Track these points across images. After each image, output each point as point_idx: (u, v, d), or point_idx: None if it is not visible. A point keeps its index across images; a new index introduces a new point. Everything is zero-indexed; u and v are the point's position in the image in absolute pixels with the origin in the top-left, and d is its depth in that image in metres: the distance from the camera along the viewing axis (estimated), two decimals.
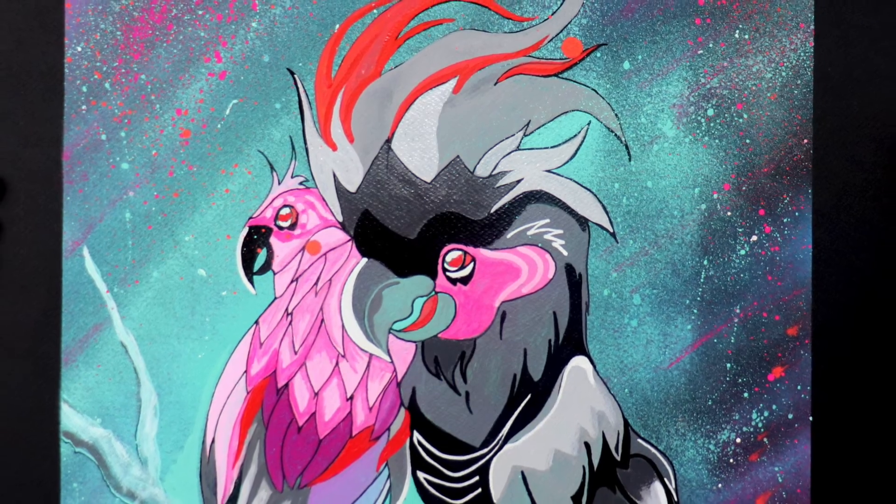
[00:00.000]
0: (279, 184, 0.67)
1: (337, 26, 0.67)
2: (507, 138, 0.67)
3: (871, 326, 0.67)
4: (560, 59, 0.67)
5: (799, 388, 0.67)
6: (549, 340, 0.67)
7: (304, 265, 0.67)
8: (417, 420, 0.67)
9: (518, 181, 0.67)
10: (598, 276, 0.67)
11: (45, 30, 0.67)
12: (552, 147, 0.67)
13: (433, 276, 0.67)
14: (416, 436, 0.67)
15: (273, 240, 0.67)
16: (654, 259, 0.67)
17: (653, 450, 0.67)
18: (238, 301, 0.67)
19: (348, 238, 0.67)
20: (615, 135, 0.67)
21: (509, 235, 0.67)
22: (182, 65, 0.67)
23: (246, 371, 0.68)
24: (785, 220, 0.67)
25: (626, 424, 0.67)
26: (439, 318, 0.67)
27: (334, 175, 0.67)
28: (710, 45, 0.67)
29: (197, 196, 0.67)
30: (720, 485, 0.67)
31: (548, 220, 0.67)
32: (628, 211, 0.67)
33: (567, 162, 0.67)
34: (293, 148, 0.67)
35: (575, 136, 0.67)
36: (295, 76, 0.67)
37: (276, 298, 0.68)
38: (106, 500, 0.67)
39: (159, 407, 0.67)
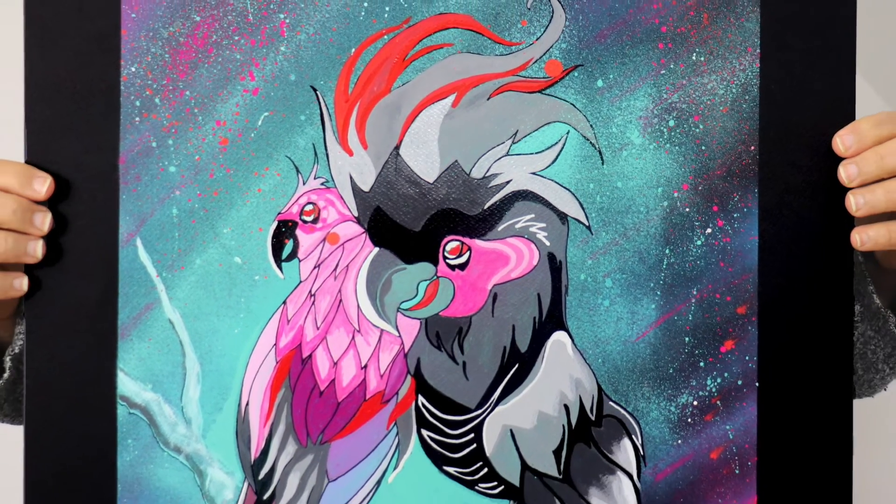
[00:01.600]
0: (304, 184, 0.69)
1: (353, 50, 0.68)
2: (498, 145, 0.69)
3: (808, 306, 0.70)
4: (543, 77, 0.69)
5: (747, 358, 0.69)
6: (534, 318, 0.69)
7: (325, 254, 0.69)
8: (422, 386, 0.69)
9: (507, 182, 0.69)
10: (576, 262, 0.69)
11: (104, 53, 0.68)
12: (536, 153, 0.69)
13: (435, 262, 0.69)
14: (421, 399, 0.69)
15: (298, 232, 0.69)
16: (624, 248, 0.69)
17: (622, 411, 0.70)
18: (269, 284, 0.69)
19: (363, 230, 0.69)
20: (590, 142, 0.69)
21: (500, 228, 0.69)
22: (221, 83, 0.68)
23: (275, 344, 0.69)
24: (735, 216, 0.69)
25: (600, 389, 0.69)
26: (440, 299, 0.69)
27: (351, 177, 0.69)
28: (672, 66, 0.69)
29: (233, 195, 0.69)
30: (680, 441, 0.69)
31: (533, 215, 0.69)
32: (601, 207, 0.69)
33: (549, 165, 0.69)
34: (315, 154, 0.69)
35: (556, 143, 0.69)
36: (317, 92, 0.68)
37: (301, 282, 0.69)
38: (156, 454, 0.68)
39: (201, 374, 0.69)
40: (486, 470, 0.70)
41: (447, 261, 0.69)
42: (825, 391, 0.70)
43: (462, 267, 0.69)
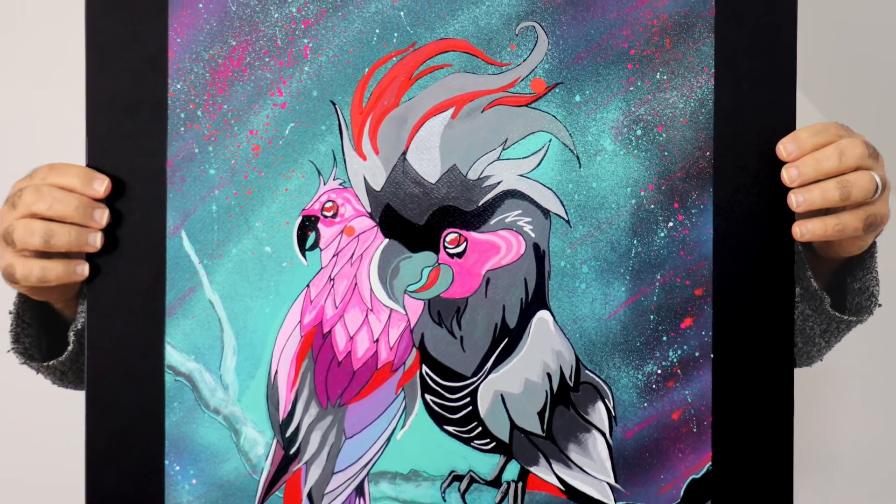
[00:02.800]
0: (324, 184, 0.70)
1: (367, 69, 0.69)
2: (490, 151, 0.70)
3: (755, 288, 0.70)
4: (529, 93, 0.70)
5: (703, 333, 0.70)
6: (521, 299, 0.70)
7: (343, 244, 0.70)
8: (425, 357, 0.70)
9: (498, 183, 0.70)
10: (557, 251, 0.70)
11: (154, 72, 0.69)
12: (523, 158, 0.70)
13: (436, 251, 0.70)
14: (424, 368, 0.70)
15: (320, 225, 0.70)
16: (598, 239, 0.70)
17: (597, 378, 0.71)
18: (294, 270, 0.70)
19: (375, 224, 0.70)
20: (569, 149, 0.70)
21: (492, 222, 0.70)
22: (253, 98, 0.69)
23: (300, 321, 0.70)
24: (693, 211, 0.70)
25: (577, 360, 0.70)
26: (441, 283, 0.70)
27: (364, 178, 0.70)
28: (639, 84, 0.69)
29: (264, 194, 0.70)
30: (646, 404, 0.70)
31: (520, 211, 0.70)
32: (579, 204, 0.70)
33: (534, 169, 0.70)
34: (334, 159, 0.70)
35: (540, 149, 0.70)
36: (336, 106, 0.69)
37: (322, 268, 0.70)
38: (198, 416, 0.70)
39: (237, 347, 0.70)
40: (480, 429, 0.71)
41: (447, 250, 0.70)
42: (770, 361, 0.71)
43: (460, 255, 0.70)
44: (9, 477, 1.11)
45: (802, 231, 0.69)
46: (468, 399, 0.71)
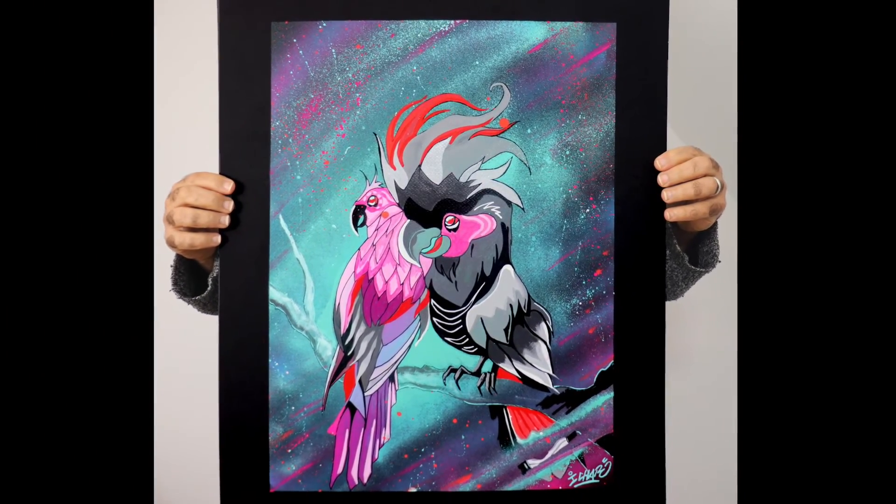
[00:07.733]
0: (369, 185, 0.73)
1: (396, 112, 0.72)
2: (474, 164, 0.73)
3: (641, 250, 0.72)
4: (498, 128, 0.73)
5: (609, 279, 0.74)
6: (493, 257, 0.74)
7: (381, 223, 0.73)
8: (433, 294, 0.74)
9: (479, 184, 0.73)
10: (516, 227, 0.73)
11: (261, 115, 0.72)
12: (495, 168, 0.73)
13: (440, 228, 0.73)
14: (432, 301, 0.74)
15: (367, 211, 0.73)
16: (542, 220, 0.74)
17: (541, 308, 0.74)
18: (351, 239, 0.74)
19: (401, 210, 0.73)
20: (523, 163, 0.73)
21: (475, 209, 0.73)
22: (325, 131, 0.73)
23: (354, 271, 0.73)
24: (602, 202, 0.73)
25: (529, 296, 0.74)
26: (443, 248, 0.73)
27: (395, 182, 0.73)
28: (568, 122, 0.73)
29: (331, 191, 0.74)
30: (572, 324, 0.74)
31: (493, 202, 0.73)
32: (530, 198, 0.74)
33: (502, 175, 0.73)
34: (376, 169, 0.73)
35: (505, 163, 0.73)
36: (376, 136, 0.73)
37: (367, 238, 0.73)
38: (290, 331, 0.73)
39: (314, 288, 0.73)
40: (467, 339, 0.75)
41: (446, 227, 0.74)
42: (650, 297, 0.75)
43: (455, 230, 0.74)
44: (176, 370, 1.16)
45: (670, 215, 0.73)
46: (460, 321, 0.75)
